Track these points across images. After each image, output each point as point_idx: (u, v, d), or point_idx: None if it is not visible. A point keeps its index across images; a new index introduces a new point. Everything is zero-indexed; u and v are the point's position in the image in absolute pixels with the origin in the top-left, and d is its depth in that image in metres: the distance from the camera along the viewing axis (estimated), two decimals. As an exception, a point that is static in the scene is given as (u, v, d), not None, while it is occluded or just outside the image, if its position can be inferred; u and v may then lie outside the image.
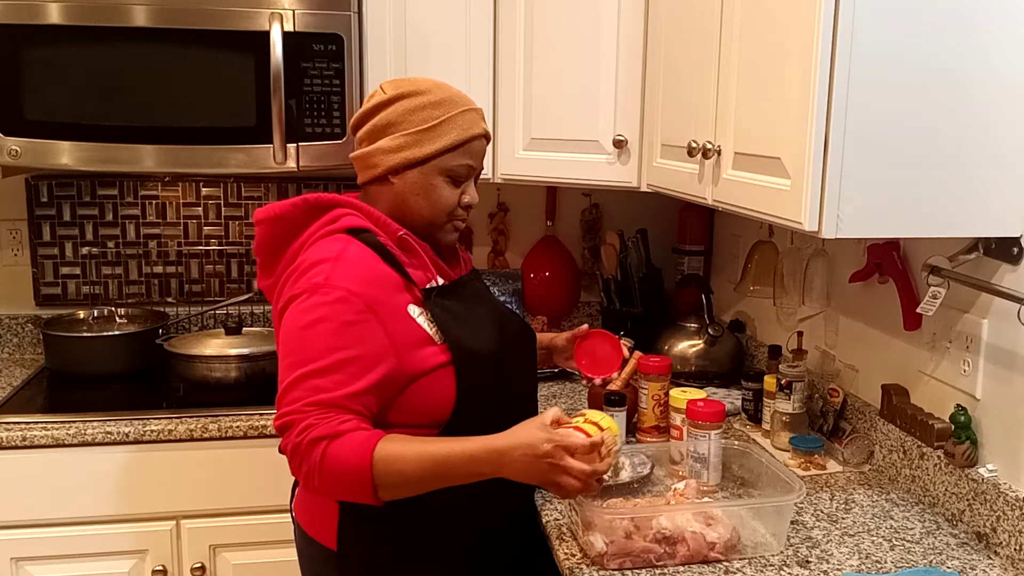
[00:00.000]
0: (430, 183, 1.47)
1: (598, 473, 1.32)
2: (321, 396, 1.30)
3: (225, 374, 2.17)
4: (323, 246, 1.41)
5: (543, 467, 1.29)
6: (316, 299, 1.34)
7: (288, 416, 1.30)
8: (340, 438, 1.27)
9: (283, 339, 1.37)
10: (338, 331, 1.32)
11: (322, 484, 1.28)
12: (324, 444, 1.27)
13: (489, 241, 2.73)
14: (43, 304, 2.53)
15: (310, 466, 1.27)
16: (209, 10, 2.04)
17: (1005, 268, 1.47)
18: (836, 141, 1.31)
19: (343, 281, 1.35)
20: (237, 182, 2.57)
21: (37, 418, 2.00)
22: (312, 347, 1.32)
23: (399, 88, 1.47)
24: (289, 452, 1.30)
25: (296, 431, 1.28)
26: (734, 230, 2.51)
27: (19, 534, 1.99)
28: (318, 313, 1.33)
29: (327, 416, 1.29)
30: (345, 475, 1.27)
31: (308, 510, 1.52)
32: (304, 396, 1.30)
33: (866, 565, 1.43)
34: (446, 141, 1.45)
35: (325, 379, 1.30)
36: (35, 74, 2.01)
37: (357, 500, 1.30)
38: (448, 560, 1.48)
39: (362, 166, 1.50)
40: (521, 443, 1.29)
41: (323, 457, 1.26)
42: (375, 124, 1.47)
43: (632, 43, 2.02)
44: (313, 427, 1.27)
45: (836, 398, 1.93)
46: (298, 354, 1.33)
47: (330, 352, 1.31)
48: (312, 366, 1.31)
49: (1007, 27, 1.33)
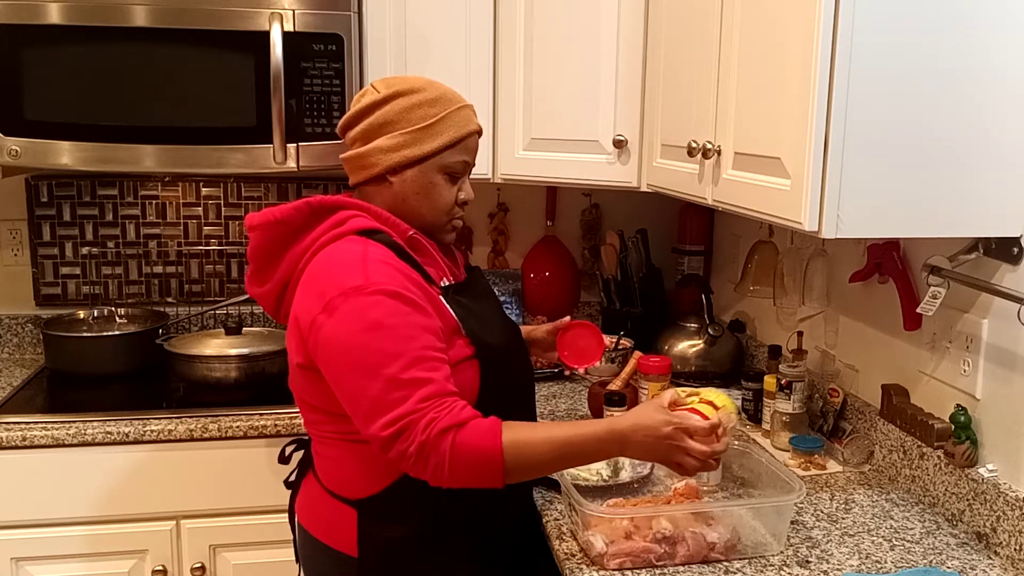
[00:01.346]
0: (430, 181, 1.47)
1: (716, 453, 1.36)
2: (427, 389, 1.28)
3: (225, 374, 2.17)
4: (341, 249, 1.38)
5: (664, 448, 1.34)
6: (365, 300, 1.31)
7: (403, 420, 1.26)
8: (465, 427, 1.27)
9: (341, 348, 1.31)
10: (406, 323, 1.31)
11: (452, 474, 1.28)
12: (452, 434, 1.26)
13: (489, 241, 2.73)
14: (43, 304, 2.53)
15: (439, 458, 1.26)
16: (209, 10, 2.04)
17: (1005, 268, 1.47)
18: (836, 141, 1.31)
19: (383, 278, 1.33)
20: (237, 182, 2.57)
21: (37, 418, 2.00)
22: (386, 346, 1.29)
23: (392, 87, 1.46)
24: (414, 453, 1.26)
25: (419, 429, 1.26)
26: (734, 230, 2.51)
27: (19, 534, 1.99)
28: (375, 313, 1.30)
29: (443, 405, 1.28)
30: (478, 463, 1.27)
31: (315, 515, 1.51)
32: (409, 394, 1.27)
33: (866, 565, 1.43)
34: (445, 138, 1.45)
35: (420, 371, 1.29)
36: (35, 74, 2.01)
37: (482, 485, 1.30)
38: (461, 560, 1.48)
39: (356, 166, 1.48)
40: (643, 425, 1.34)
41: (453, 447, 1.26)
42: (371, 123, 1.45)
43: (632, 43, 2.02)
44: (436, 420, 1.26)
45: (836, 398, 1.93)
46: (372, 357, 1.29)
47: (409, 343, 1.30)
48: (399, 362, 1.28)
49: (1007, 27, 1.33)
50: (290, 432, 2.02)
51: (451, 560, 1.47)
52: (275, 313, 1.51)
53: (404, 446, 1.27)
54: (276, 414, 2.05)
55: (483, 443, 1.27)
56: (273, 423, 2.04)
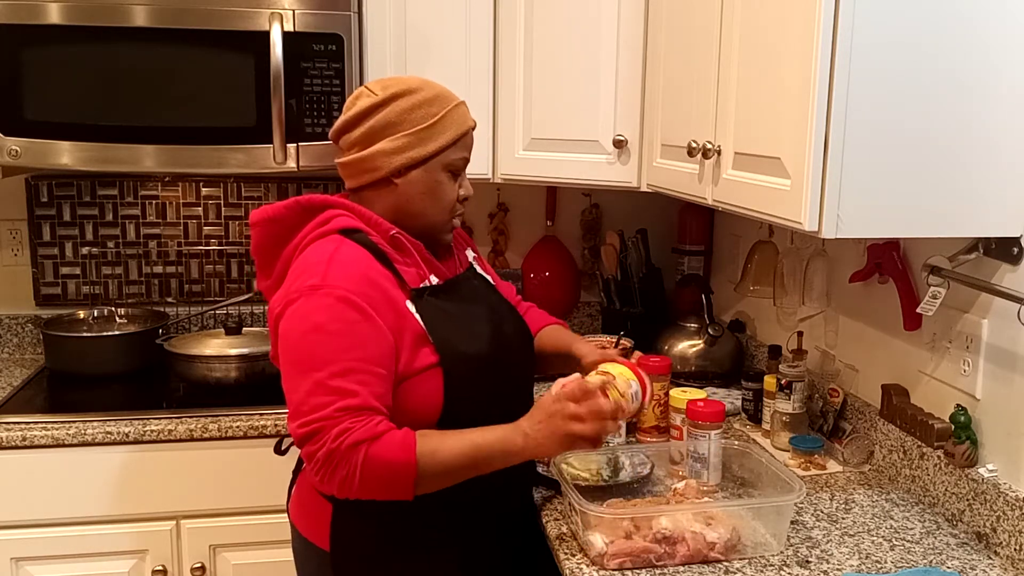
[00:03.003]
0: (435, 180, 1.47)
1: (604, 411, 1.34)
2: (349, 400, 1.28)
3: (225, 374, 2.17)
4: (316, 249, 1.40)
5: (556, 423, 1.34)
6: (316, 301, 1.32)
7: (316, 423, 1.28)
8: (379, 440, 1.28)
9: (287, 345, 1.35)
10: (346, 332, 1.31)
11: (362, 486, 1.29)
12: (364, 447, 1.27)
13: (489, 241, 2.73)
14: (43, 304, 2.53)
15: (349, 470, 1.27)
16: (209, 10, 2.04)
17: (1005, 268, 1.47)
18: (836, 141, 1.31)
19: (340, 281, 1.34)
20: (237, 182, 2.57)
21: (37, 418, 2.00)
22: (324, 350, 1.30)
23: (389, 88, 1.45)
24: (322, 458, 1.27)
25: (331, 437, 1.27)
26: (734, 230, 2.51)
27: (19, 534, 1.99)
28: (322, 316, 1.32)
29: (360, 419, 1.28)
30: (389, 475, 1.28)
31: (303, 512, 1.52)
32: (331, 401, 1.28)
33: (866, 565, 1.43)
34: (448, 136, 1.46)
35: (347, 381, 1.29)
36: (35, 74, 2.01)
37: (391, 497, 1.31)
38: (440, 557, 1.47)
39: (356, 171, 1.47)
40: (534, 412, 1.37)
41: (365, 459, 1.27)
42: (371, 127, 1.44)
43: (632, 43, 2.02)
44: (349, 431, 1.27)
45: (836, 398, 1.93)
46: (310, 359, 1.31)
47: (344, 353, 1.30)
48: (330, 369, 1.29)
49: (1007, 27, 1.33)
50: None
51: (424, 558, 1.46)
52: None
53: (312, 448, 1.28)
54: (276, 414, 2.05)
55: (396, 455, 1.28)
56: (273, 423, 2.04)
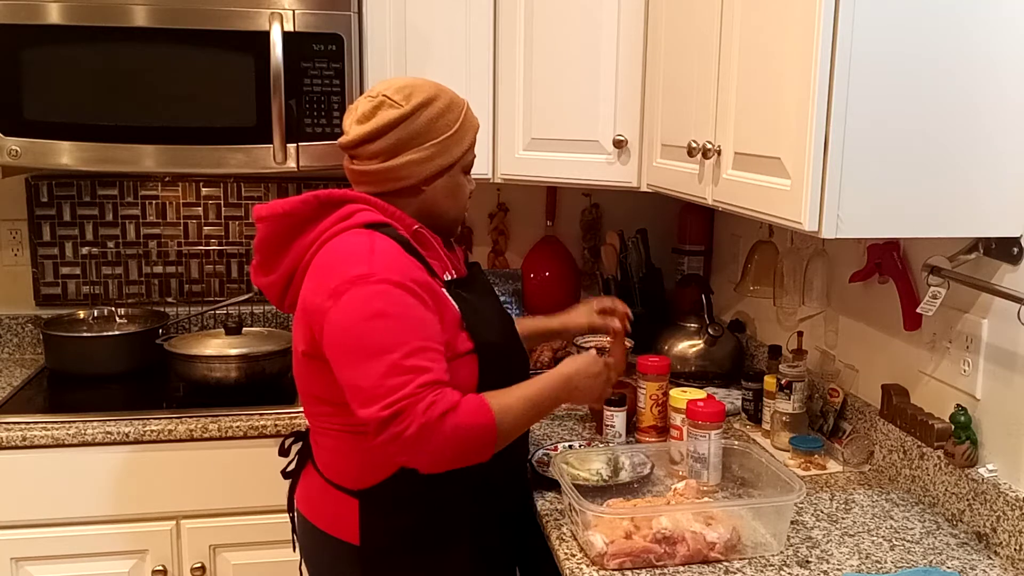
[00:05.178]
0: (456, 183, 1.54)
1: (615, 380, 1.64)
2: (426, 376, 1.32)
3: (225, 374, 2.17)
4: (348, 241, 1.41)
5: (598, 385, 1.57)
6: (371, 289, 1.35)
7: (401, 402, 1.30)
8: (459, 408, 1.34)
9: (348, 334, 1.35)
10: (408, 315, 1.35)
11: (453, 454, 1.34)
12: (450, 417, 1.32)
13: (489, 241, 2.73)
14: (43, 304, 2.53)
15: (440, 440, 1.31)
16: (209, 10, 2.04)
17: (1005, 268, 1.47)
18: (836, 141, 1.31)
19: (388, 269, 1.37)
20: (237, 182, 2.57)
21: (37, 418, 2.00)
22: (392, 334, 1.33)
23: (411, 99, 1.46)
24: (413, 434, 1.30)
25: (419, 412, 1.30)
26: (734, 230, 2.51)
27: (19, 534, 1.99)
28: (380, 302, 1.34)
29: (441, 392, 1.33)
30: (474, 438, 1.35)
31: (318, 506, 1.53)
32: (410, 379, 1.31)
33: (866, 565, 1.43)
34: (468, 141, 1.53)
35: (420, 359, 1.33)
36: (35, 74, 2.01)
37: (474, 460, 1.37)
38: (455, 551, 1.51)
39: (381, 179, 1.49)
40: (580, 368, 1.54)
41: (453, 428, 1.32)
42: (399, 138, 1.46)
43: (632, 43, 2.02)
44: (434, 404, 1.31)
45: (836, 398, 1.93)
46: (379, 344, 1.33)
47: (411, 334, 1.34)
48: (402, 350, 1.32)
49: (1007, 28, 1.33)
50: (290, 432, 2.01)
51: (451, 548, 1.50)
52: (280, 303, 1.54)
53: (400, 428, 1.30)
54: (276, 414, 2.05)
55: (478, 419, 1.35)
56: (273, 423, 2.04)
